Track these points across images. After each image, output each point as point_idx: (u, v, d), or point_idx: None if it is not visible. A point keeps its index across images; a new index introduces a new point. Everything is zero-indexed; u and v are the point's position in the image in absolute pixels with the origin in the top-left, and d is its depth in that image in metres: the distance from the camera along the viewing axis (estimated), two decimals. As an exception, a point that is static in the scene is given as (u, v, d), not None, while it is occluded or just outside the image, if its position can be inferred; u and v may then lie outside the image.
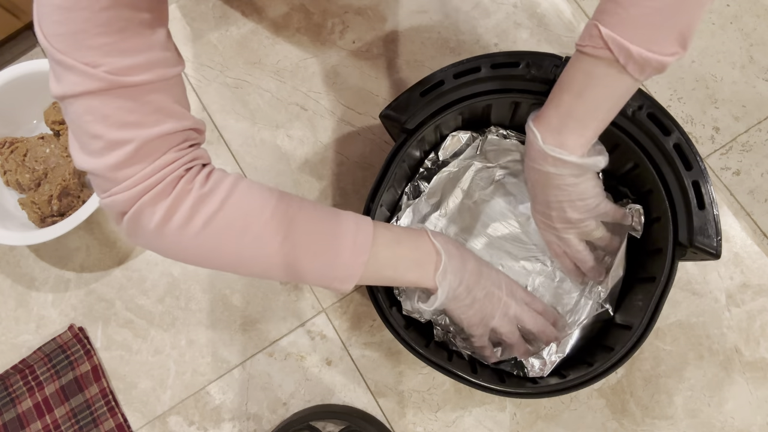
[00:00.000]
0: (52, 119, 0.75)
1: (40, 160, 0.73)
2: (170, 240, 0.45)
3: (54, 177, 0.72)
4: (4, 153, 0.74)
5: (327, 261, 0.49)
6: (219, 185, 0.46)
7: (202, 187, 0.45)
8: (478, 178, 0.67)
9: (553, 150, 0.52)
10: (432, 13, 0.80)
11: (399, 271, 0.52)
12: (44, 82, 0.73)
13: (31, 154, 0.73)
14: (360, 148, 0.77)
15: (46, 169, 0.73)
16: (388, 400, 0.70)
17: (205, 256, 0.47)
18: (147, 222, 0.44)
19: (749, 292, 0.69)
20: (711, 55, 0.76)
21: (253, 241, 0.46)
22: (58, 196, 0.72)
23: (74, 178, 0.73)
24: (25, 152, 0.73)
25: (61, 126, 0.75)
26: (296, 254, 0.47)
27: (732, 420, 0.67)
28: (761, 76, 0.75)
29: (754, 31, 0.77)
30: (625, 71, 0.46)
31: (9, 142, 0.75)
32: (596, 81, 0.48)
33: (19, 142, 0.74)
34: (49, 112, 0.75)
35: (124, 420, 0.71)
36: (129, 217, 0.44)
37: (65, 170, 0.72)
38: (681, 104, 0.75)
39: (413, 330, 0.61)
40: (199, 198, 0.44)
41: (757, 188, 0.72)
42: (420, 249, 0.53)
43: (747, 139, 0.74)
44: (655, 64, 0.45)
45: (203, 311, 0.74)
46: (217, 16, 0.82)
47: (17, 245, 0.73)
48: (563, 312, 0.63)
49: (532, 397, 0.58)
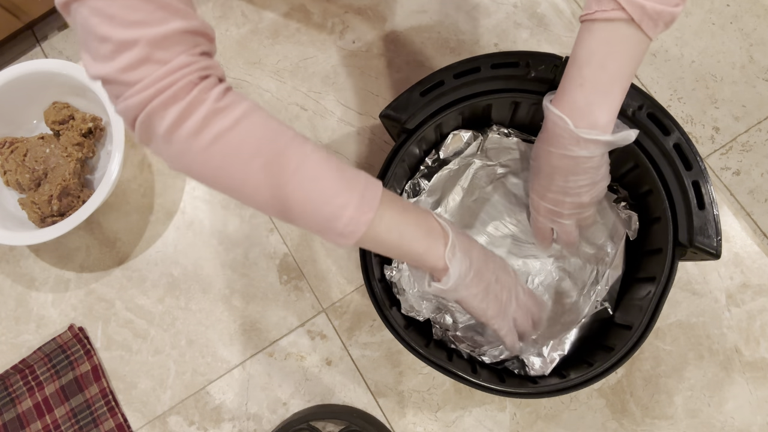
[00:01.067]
0: (52, 119, 0.75)
1: (40, 160, 0.73)
2: (178, 148, 0.43)
3: (54, 177, 0.72)
4: (4, 153, 0.74)
5: (332, 212, 0.46)
6: (236, 104, 0.44)
7: (218, 102, 0.43)
8: (478, 177, 0.67)
9: (588, 133, 0.50)
10: (432, 13, 0.80)
11: (405, 239, 0.49)
12: (44, 82, 0.74)
13: (31, 154, 0.73)
14: (360, 148, 0.77)
15: (46, 169, 0.73)
16: (388, 400, 0.70)
17: (211, 174, 0.45)
18: (157, 126, 0.42)
19: (749, 292, 0.69)
20: (711, 55, 0.77)
21: (261, 169, 0.44)
22: (58, 196, 0.72)
23: (74, 178, 0.73)
24: (25, 152, 0.73)
25: (61, 126, 0.75)
26: (302, 195, 0.46)
27: (732, 420, 0.67)
28: (761, 76, 0.75)
29: (754, 31, 0.77)
30: (640, 30, 0.46)
31: (9, 141, 0.74)
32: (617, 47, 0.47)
33: (19, 142, 0.74)
34: (49, 112, 0.76)
35: (124, 420, 0.71)
36: (141, 120, 0.43)
37: (65, 170, 0.72)
38: (681, 104, 0.75)
39: (413, 330, 0.61)
40: (213, 111, 0.43)
41: (757, 188, 0.72)
42: (428, 222, 0.51)
43: (747, 139, 0.74)
44: (667, 17, 0.45)
45: (203, 311, 0.74)
46: (217, 16, 0.82)
47: (17, 245, 0.73)
48: (562, 311, 0.63)
49: (532, 397, 0.58)
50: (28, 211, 0.73)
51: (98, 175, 0.78)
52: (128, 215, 0.77)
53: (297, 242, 0.74)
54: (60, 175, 0.72)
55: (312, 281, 0.73)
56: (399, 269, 0.63)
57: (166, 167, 0.78)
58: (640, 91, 0.57)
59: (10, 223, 0.72)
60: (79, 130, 0.75)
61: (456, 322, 0.64)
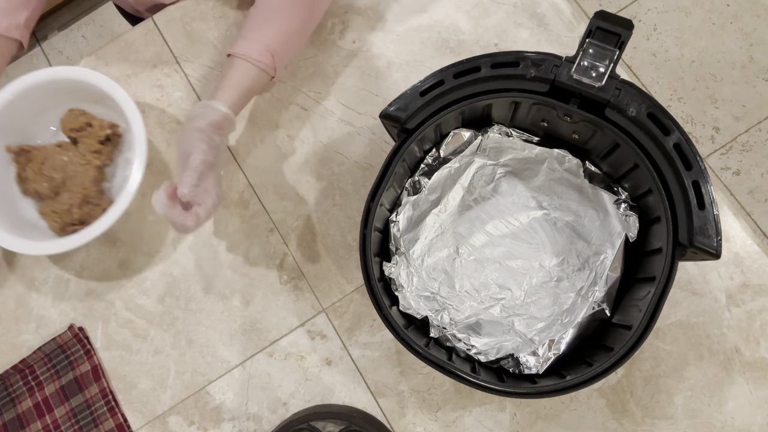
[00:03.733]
0: (69, 127, 0.74)
1: (58, 168, 0.71)
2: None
3: (73, 185, 0.71)
4: (21, 161, 0.73)
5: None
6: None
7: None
8: (478, 176, 0.67)
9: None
10: (432, 13, 0.80)
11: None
12: (61, 90, 0.73)
13: (49, 163, 0.72)
14: (360, 148, 0.77)
15: (65, 177, 0.71)
16: (388, 400, 0.70)
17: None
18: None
19: (749, 292, 0.69)
20: (711, 55, 0.77)
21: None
22: (79, 204, 0.70)
23: (94, 186, 0.72)
24: (43, 161, 0.72)
25: (78, 133, 0.74)
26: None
27: (732, 420, 0.67)
28: (761, 76, 0.76)
29: (754, 31, 0.77)
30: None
31: (25, 150, 0.73)
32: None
33: (36, 150, 0.73)
34: (66, 120, 0.74)
35: (124, 420, 0.71)
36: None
37: (84, 178, 0.71)
38: (681, 104, 0.75)
39: (413, 329, 0.61)
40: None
41: (757, 188, 0.72)
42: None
43: (747, 139, 0.74)
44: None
45: (203, 311, 0.74)
46: (217, 16, 0.82)
47: (42, 254, 0.72)
48: (560, 312, 0.64)
49: (532, 397, 0.58)
50: (48, 220, 0.71)
51: (116, 182, 0.76)
52: (128, 215, 0.77)
53: (297, 242, 0.75)
54: (79, 183, 0.71)
55: (312, 281, 0.73)
56: (398, 264, 0.63)
57: (165, 168, 0.78)
58: (640, 91, 0.57)
59: (31, 232, 0.71)
60: (97, 137, 0.73)
61: (453, 320, 0.64)
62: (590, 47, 0.56)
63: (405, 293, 0.62)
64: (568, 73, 0.56)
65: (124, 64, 0.81)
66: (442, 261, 0.66)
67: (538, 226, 0.67)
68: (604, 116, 0.57)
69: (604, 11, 0.57)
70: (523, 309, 0.64)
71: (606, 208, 0.63)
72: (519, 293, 0.65)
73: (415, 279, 0.65)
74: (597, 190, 0.64)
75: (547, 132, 0.65)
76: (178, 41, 0.82)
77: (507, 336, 0.63)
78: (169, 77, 0.81)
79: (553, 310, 0.64)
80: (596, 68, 0.55)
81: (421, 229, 0.67)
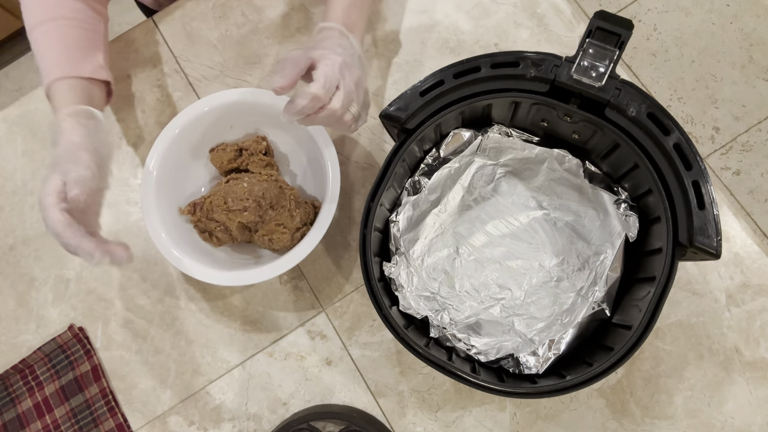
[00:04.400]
0: (221, 162, 0.71)
1: (244, 196, 0.67)
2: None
3: (271, 196, 0.68)
4: (197, 214, 0.70)
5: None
6: None
7: None
8: (478, 176, 0.67)
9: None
10: (432, 13, 0.80)
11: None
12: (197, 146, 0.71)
13: (231, 197, 0.67)
14: (360, 148, 0.77)
15: (257, 198, 0.67)
16: (388, 400, 0.70)
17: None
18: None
19: (749, 292, 0.69)
20: (711, 55, 0.77)
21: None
22: (295, 208, 0.68)
23: (288, 187, 0.70)
24: (223, 200, 0.67)
25: (235, 163, 0.72)
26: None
27: (732, 420, 0.67)
28: (761, 76, 0.76)
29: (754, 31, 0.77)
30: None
31: (197, 203, 0.70)
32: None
33: (207, 198, 0.69)
34: (215, 158, 0.72)
35: (124, 420, 0.71)
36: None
37: (274, 187, 0.68)
38: (681, 104, 0.75)
39: (413, 329, 0.61)
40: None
41: (757, 188, 0.72)
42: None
43: (747, 139, 0.74)
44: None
45: (203, 311, 0.74)
46: (217, 16, 0.82)
47: (276, 275, 0.67)
48: (560, 312, 0.64)
49: (532, 397, 0.58)
50: (276, 237, 0.68)
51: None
52: (128, 215, 0.77)
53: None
54: (275, 194, 0.68)
55: (312, 281, 0.73)
56: (398, 264, 0.63)
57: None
58: (640, 91, 0.57)
59: (260, 260, 0.70)
60: (257, 150, 0.71)
61: (453, 320, 0.64)
62: (590, 47, 0.56)
63: (405, 293, 0.62)
64: (568, 73, 0.56)
65: (124, 64, 0.81)
66: (442, 261, 0.66)
67: (538, 226, 0.67)
68: (604, 116, 0.57)
69: (604, 11, 0.57)
70: (523, 309, 0.64)
71: (606, 208, 0.64)
72: (519, 293, 0.65)
73: (415, 279, 0.65)
74: (597, 190, 0.64)
75: (547, 132, 0.65)
76: (178, 41, 0.82)
77: (507, 336, 0.63)
78: (169, 77, 0.81)
79: (553, 310, 0.64)
80: (596, 68, 0.55)
81: (421, 229, 0.67)
